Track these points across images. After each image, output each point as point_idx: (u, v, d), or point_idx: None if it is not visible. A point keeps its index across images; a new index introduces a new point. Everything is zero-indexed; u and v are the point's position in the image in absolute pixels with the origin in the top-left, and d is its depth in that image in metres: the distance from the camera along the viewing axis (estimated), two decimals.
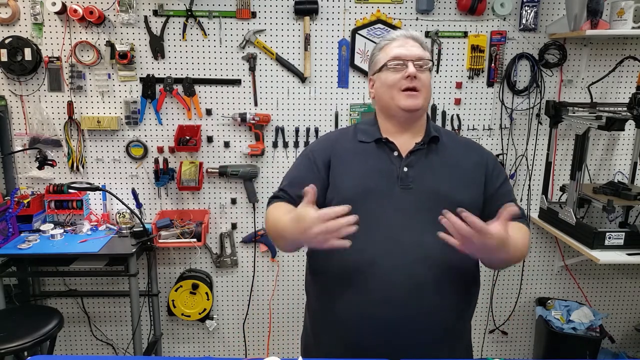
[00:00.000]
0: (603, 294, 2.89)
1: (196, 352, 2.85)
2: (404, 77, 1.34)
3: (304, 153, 1.48)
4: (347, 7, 2.48)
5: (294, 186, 1.37)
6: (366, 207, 1.30)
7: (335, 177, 1.38)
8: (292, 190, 1.38)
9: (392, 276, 1.27)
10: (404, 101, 1.35)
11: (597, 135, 2.69)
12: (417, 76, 1.34)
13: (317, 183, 1.35)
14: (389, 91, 1.37)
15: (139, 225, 2.42)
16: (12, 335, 2.04)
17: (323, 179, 1.39)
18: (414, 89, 1.34)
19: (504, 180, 1.44)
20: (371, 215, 1.30)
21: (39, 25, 2.41)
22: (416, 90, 1.34)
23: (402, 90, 1.35)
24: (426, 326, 1.30)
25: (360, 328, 1.31)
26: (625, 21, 2.33)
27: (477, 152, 1.45)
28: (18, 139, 2.50)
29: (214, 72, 2.51)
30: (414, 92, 1.34)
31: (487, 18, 2.53)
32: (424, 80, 1.35)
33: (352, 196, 1.31)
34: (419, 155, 1.37)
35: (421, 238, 1.29)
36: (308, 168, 1.41)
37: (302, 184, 1.34)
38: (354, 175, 1.36)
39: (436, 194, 1.32)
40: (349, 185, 1.34)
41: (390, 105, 1.38)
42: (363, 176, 1.35)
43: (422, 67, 1.36)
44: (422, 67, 1.36)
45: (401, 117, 1.38)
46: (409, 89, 1.34)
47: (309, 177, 1.37)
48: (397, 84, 1.35)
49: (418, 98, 1.35)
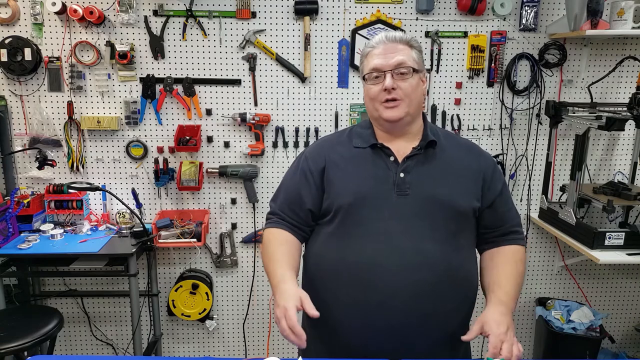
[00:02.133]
0: (603, 294, 2.89)
1: (196, 352, 2.85)
2: (383, 89, 1.33)
3: (299, 161, 1.48)
4: (347, 7, 2.48)
5: (290, 202, 1.42)
6: (363, 214, 1.31)
7: (331, 184, 1.37)
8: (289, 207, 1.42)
9: (391, 282, 1.27)
10: (385, 113, 1.34)
11: (597, 135, 2.69)
12: (396, 86, 1.32)
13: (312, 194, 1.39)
14: (371, 103, 1.37)
15: (139, 225, 2.42)
16: (12, 335, 2.04)
17: (318, 186, 1.40)
18: (393, 100, 1.33)
19: (503, 186, 1.44)
20: (368, 222, 1.30)
21: (39, 25, 2.41)
22: (396, 100, 1.33)
23: (382, 102, 1.34)
24: (426, 331, 1.30)
25: (360, 333, 1.31)
26: (625, 21, 2.33)
27: (476, 156, 1.44)
28: (18, 139, 2.50)
29: (214, 72, 2.51)
30: (394, 103, 1.33)
31: (487, 18, 2.53)
32: (405, 88, 1.32)
33: (349, 203, 1.32)
34: (416, 161, 1.36)
35: (419, 244, 1.29)
36: (302, 179, 1.42)
37: (297, 200, 1.41)
38: (350, 182, 1.35)
39: (433, 200, 1.32)
40: (346, 193, 1.34)
41: (375, 115, 1.39)
42: (359, 183, 1.34)
43: (402, 74, 1.32)
44: (403, 74, 1.32)
45: (388, 127, 1.38)
46: (388, 100, 1.33)
47: (305, 190, 1.40)
48: (378, 96, 1.34)
49: (398, 109, 1.33)
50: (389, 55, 1.33)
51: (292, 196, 1.43)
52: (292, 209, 1.42)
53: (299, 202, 1.41)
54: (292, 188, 1.44)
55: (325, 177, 1.39)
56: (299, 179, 1.43)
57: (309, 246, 1.46)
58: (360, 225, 1.31)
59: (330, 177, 1.38)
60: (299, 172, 1.43)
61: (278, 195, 1.48)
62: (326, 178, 1.38)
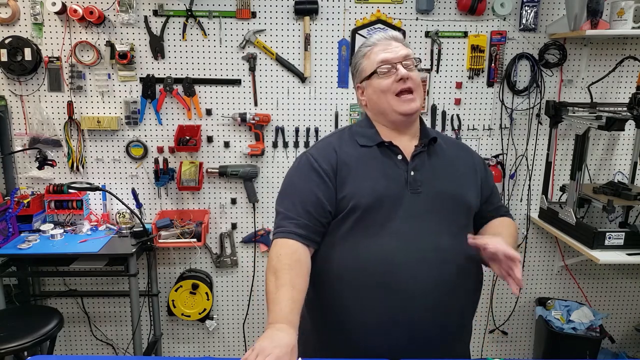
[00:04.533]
0: (603, 294, 2.89)
1: (196, 352, 2.85)
2: (396, 80, 1.33)
3: (306, 162, 1.38)
4: (347, 7, 2.48)
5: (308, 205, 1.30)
6: (380, 214, 1.30)
7: (344, 184, 1.33)
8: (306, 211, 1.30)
9: (413, 280, 1.27)
10: (401, 107, 1.33)
11: (597, 135, 2.69)
12: (409, 76, 1.33)
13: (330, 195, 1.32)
14: (383, 97, 1.35)
15: (139, 225, 2.42)
16: (12, 335, 2.04)
17: (334, 186, 1.33)
18: (408, 90, 1.33)
19: (493, 181, 1.53)
20: (385, 221, 1.29)
21: (39, 25, 2.41)
22: (411, 92, 1.33)
23: (396, 95, 1.34)
24: (444, 324, 1.31)
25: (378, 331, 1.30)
26: (625, 21, 2.33)
27: (468, 153, 1.50)
28: (18, 139, 2.50)
29: (214, 72, 2.51)
30: (410, 95, 1.33)
31: (487, 18, 2.53)
32: (415, 79, 1.34)
33: (367, 204, 1.29)
34: (422, 158, 1.36)
35: (437, 241, 1.30)
36: (319, 180, 1.33)
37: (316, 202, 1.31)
38: (364, 182, 1.32)
39: (444, 196, 1.33)
40: (362, 194, 1.30)
41: (387, 111, 1.36)
42: (373, 183, 1.32)
43: (410, 66, 1.34)
44: (411, 66, 1.35)
45: (400, 122, 1.37)
46: (403, 91, 1.33)
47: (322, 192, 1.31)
48: (391, 88, 1.34)
49: (415, 101, 1.34)
50: (393, 49, 1.35)
51: (308, 199, 1.32)
52: (308, 211, 1.31)
53: (317, 204, 1.31)
54: (307, 190, 1.33)
55: (337, 177, 1.34)
56: (313, 181, 1.33)
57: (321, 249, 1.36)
58: (378, 225, 1.29)
59: (343, 177, 1.34)
60: (312, 174, 1.34)
61: (288, 198, 1.36)
62: (339, 178, 1.34)
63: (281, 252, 1.26)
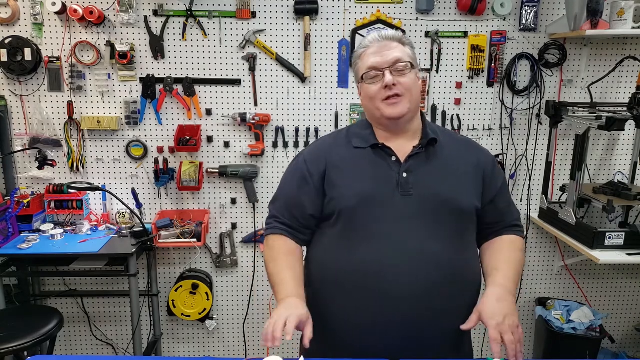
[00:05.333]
0: (603, 294, 2.89)
1: (196, 352, 2.85)
2: (383, 87, 1.31)
3: (297, 163, 1.44)
4: (347, 7, 2.48)
5: (290, 207, 1.40)
6: (367, 216, 1.30)
7: (333, 187, 1.35)
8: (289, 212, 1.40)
9: (400, 283, 1.27)
10: (387, 111, 1.32)
11: (597, 135, 2.69)
12: (397, 82, 1.30)
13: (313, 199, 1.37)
14: (372, 103, 1.35)
15: (139, 225, 2.42)
16: (12, 335, 2.04)
17: (319, 190, 1.37)
18: (395, 96, 1.31)
19: (502, 182, 1.45)
20: (373, 224, 1.30)
21: (39, 25, 2.41)
22: (399, 96, 1.31)
23: (383, 100, 1.32)
24: (435, 329, 1.31)
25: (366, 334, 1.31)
26: (625, 21, 2.33)
27: (476, 152, 1.44)
28: (18, 139, 2.50)
29: (214, 72, 2.51)
30: (396, 99, 1.31)
31: (487, 18, 2.53)
32: (405, 83, 1.31)
33: (352, 206, 1.31)
34: (418, 160, 1.35)
35: (425, 244, 1.29)
36: (303, 184, 1.38)
37: (298, 205, 1.38)
38: (352, 184, 1.33)
39: (437, 199, 1.31)
40: (348, 195, 1.32)
41: (377, 115, 1.36)
42: (362, 185, 1.32)
43: (401, 70, 1.32)
44: (401, 71, 1.32)
45: (390, 126, 1.37)
46: (390, 97, 1.31)
47: (305, 196, 1.37)
48: (378, 94, 1.33)
49: (400, 105, 1.32)
50: (384, 53, 1.32)
51: (292, 201, 1.40)
52: (292, 213, 1.39)
53: (299, 207, 1.38)
54: (292, 193, 1.40)
55: (326, 180, 1.36)
56: (298, 184, 1.39)
57: (311, 251, 1.44)
58: (365, 227, 1.30)
59: (331, 180, 1.36)
60: (298, 177, 1.40)
61: (277, 199, 1.45)
62: (327, 181, 1.36)
63: (275, 244, 1.39)
